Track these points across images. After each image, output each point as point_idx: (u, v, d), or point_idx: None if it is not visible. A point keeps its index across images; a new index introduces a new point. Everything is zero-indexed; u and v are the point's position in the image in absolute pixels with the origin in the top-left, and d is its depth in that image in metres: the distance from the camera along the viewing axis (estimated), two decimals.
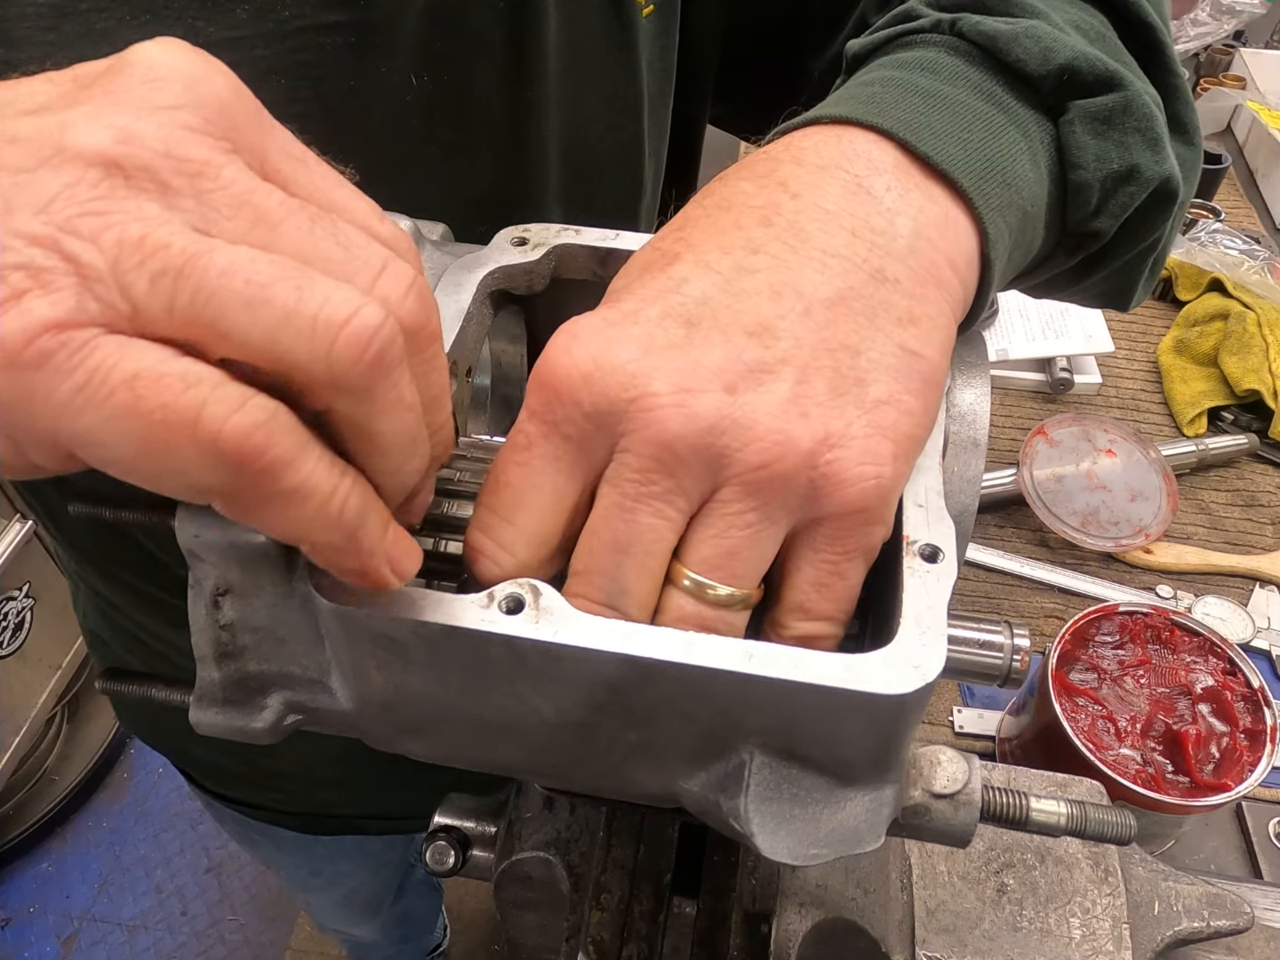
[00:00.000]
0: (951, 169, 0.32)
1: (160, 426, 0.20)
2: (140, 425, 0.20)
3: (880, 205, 0.31)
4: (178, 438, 0.20)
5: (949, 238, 0.32)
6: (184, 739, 0.83)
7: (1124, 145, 0.37)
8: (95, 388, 0.20)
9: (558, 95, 0.51)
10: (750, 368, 0.27)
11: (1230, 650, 0.78)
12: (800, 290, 0.28)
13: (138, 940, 1.85)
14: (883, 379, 0.28)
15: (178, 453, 0.21)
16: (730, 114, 0.68)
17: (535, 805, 0.45)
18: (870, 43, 0.42)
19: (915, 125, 0.33)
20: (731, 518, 0.27)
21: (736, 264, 0.29)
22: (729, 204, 0.31)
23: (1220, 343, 1.16)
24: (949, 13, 0.39)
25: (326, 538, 0.24)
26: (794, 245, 0.29)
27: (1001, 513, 1.05)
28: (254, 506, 0.22)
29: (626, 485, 0.27)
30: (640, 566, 0.28)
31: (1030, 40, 0.37)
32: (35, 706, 1.82)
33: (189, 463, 0.21)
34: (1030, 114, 0.37)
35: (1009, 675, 0.30)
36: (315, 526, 0.23)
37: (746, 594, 0.28)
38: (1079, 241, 0.40)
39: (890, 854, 0.44)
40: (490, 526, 0.29)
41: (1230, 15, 1.78)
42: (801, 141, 0.33)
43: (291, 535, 0.24)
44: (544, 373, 0.28)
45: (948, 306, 0.31)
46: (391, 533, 0.26)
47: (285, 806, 0.90)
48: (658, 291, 0.29)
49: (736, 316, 0.28)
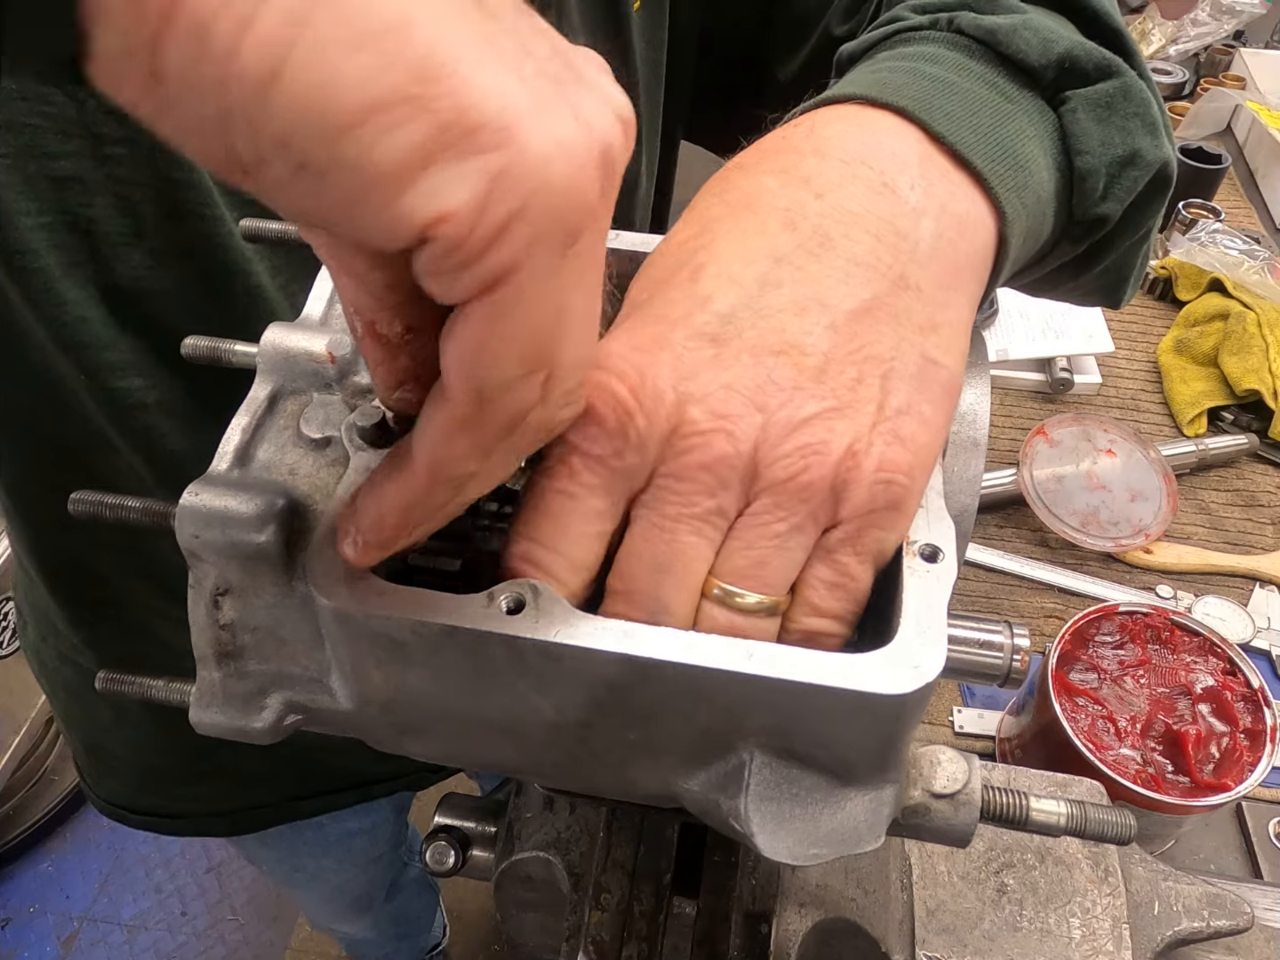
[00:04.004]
0: (969, 153, 0.32)
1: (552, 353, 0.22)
2: (544, 339, 0.22)
3: (905, 206, 0.31)
4: (538, 368, 0.22)
5: (968, 236, 0.32)
6: (104, 733, 0.80)
7: (1126, 130, 0.38)
8: (564, 286, 0.21)
9: None
10: (780, 386, 0.28)
11: (1230, 650, 0.78)
12: (825, 303, 0.29)
13: (138, 940, 1.85)
14: (904, 389, 0.29)
15: (524, 370, 0.22)
16: (700, 124, 0.69)
17: (535, 805, 0.45)
18: (864, 43, 0.42)
19: (931, 108, 0.33)
20: (761, 529, 0.28)
21: (761, 276, 0.29)
22: (752, 203, 0.31)
23: (1220, 343, 1.16)
24: (940, 14, 0.40)
25: (436, 492, 0.24)
26: (818, 254, 0.29)
27: (1001, 513, 1.05)
28: (465, 433, 0.23)
29: (668, 508, 0.28)
30: (681, 584, 0.28)
31: (1029, 32, 0.37)
32: (35, 706, 1.82)
33: (514, 381, 0.22)
34: (1033, 103, 0.37)
35: (1009, 675, 0.30)
36: (449, 481, 0.24)
37: (775, 601, 0.28)
38: (1085, 229, 0.40)
39: (890, 854, 0.44)
40: (537, 559, 0.28)
41: (1230, 15, 1.78)
42: (825, 129, 0.33)
43: (436, 463, 0.24)
44: (586, 411, 0.28)
45: (966, 310, 0.31)
46: None
47: (210, 807, 0.88)
48: (683, 311, 0.29)
49: (763, 336, 0.28)
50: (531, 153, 0.19)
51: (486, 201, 0.19)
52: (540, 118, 0.19)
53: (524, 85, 0.19)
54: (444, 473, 0.24)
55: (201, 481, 0.29)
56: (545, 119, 0.19)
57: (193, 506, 0.29)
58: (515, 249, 0.20)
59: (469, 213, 0.19)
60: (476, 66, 0.19)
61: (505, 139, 0.19)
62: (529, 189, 0.19)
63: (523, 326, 0.21)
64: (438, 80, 0.18)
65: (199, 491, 0.29)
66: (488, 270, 0.20)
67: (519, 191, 0.19)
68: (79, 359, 0.50)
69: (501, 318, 0.21)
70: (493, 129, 0.19)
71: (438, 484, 0.24)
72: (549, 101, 0.20)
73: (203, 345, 0.35)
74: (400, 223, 0.19)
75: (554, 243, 0.20)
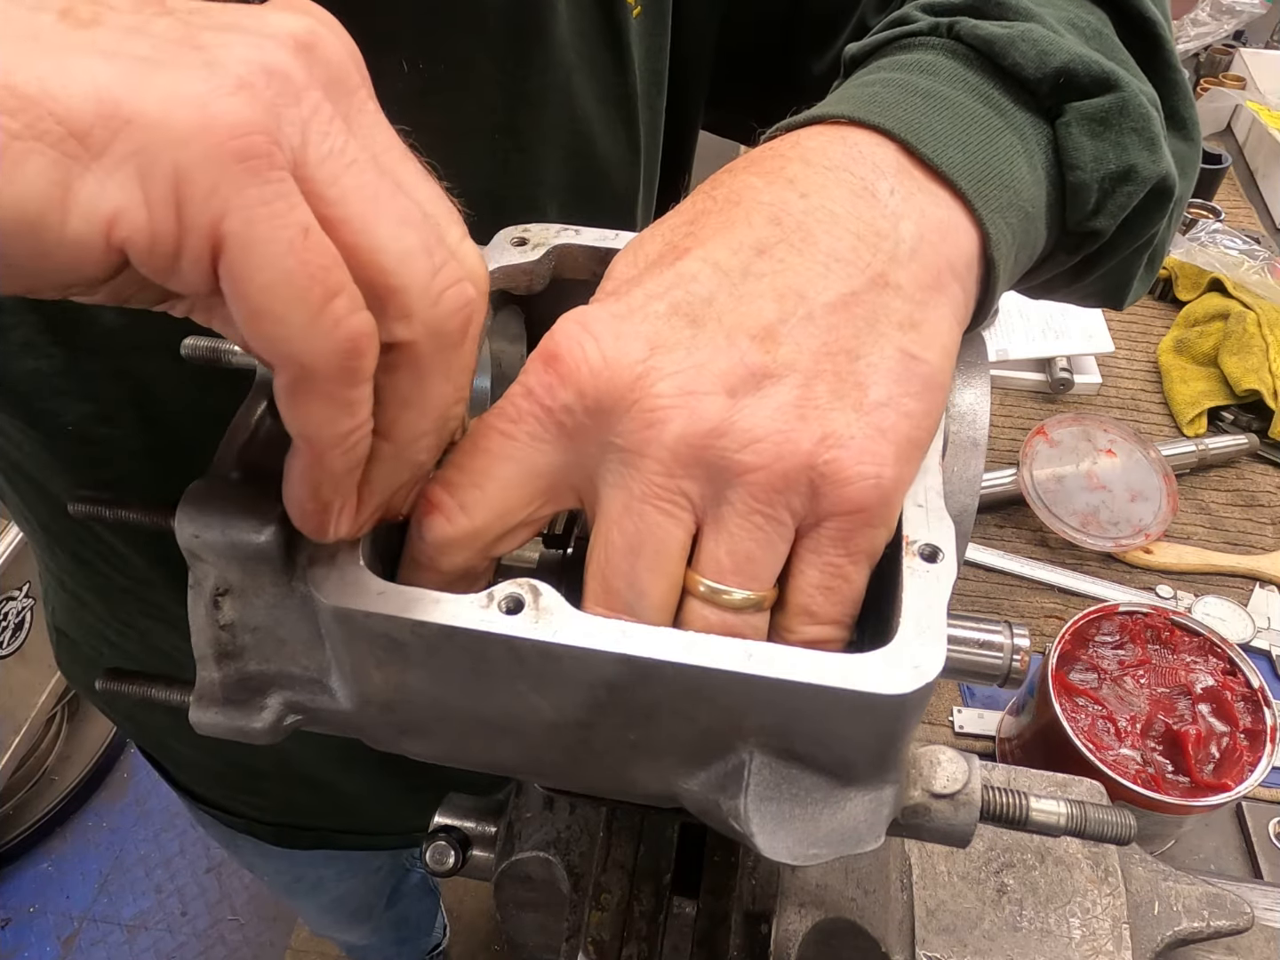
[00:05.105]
0: (951, 172, 0.32)
1: (307, 279, 0.21)
2: (292, 265, 0.21)
3: (885, 209, 0.31)
4: (314, 297, 0.21)
5: (950, 241, 0.32)
6: (166, 734, 0.83)
7: (1121, 145, 0.38)
8: (279, 210, 0.20)
9: (556, 90, 0.52)
10: (753, 371, 0.28)
11: (1230, 650, 0.78)
12: (804, 294, 0.29)
13: (138, 940, 1.85)
14: (883, 382, 0.28)
15: (302, 309, 0.21)
16: (729, 119, 0.68)
17: (535, 805, 0.45)
18: (867, 45, 0.42)
19: (916, 127, 0.33)
20: (739, 520, 0.27)
21: (744, 265, 0.29)
22: (738, 199, 0.31)
23: (1220, 343, 1.16)
24: (945, 17, 0.40)
25: (336, 461, 0.24)
26: (800, 248, 0.30)
27: (1001, 513, 1.05)
28: (315, 398, 0.23)
29: (633, 485, 0.27)
30: (653, 566, 0.28)
31: (1026, 44, 0.37)
32: (35, 706, 1.82)
33: (303, 325, 0.21)
34: (1026, 117, 0.37)
35: (1009, 675, 0.30)
36: (337, 442, 0.24)
37: (761, 596, 0.28)
38: (1079, 241, 0.40)
39: (890, 854, 0.44)
40: (456, 486, 0.28)
41: (1230, 15, 1.78)
42: (808, 141, 0.33)
43: (317, 436, 0.24)
44: (549, 356, 0.28)
45: (949, 310, 0.31)
46: (365, 494, 0.26)
47: (262, 814, 0.90)
48: (665, 286, 0.29)
49: (741, 320, 0.28)
50: (149, 119, 0.19)
51: (144, 184, 0.19)
52: (148, 84, 0.20)
53: (115, 62, 0.19)
54: (319, 438, 0.24)
55: (202, 481, 0.30)
56: (155, 81, 0.20)
57: (193, 506, 0.29)
58: (206, 207, 0.20)
59: (135, 204, 0.19)
60: (56, 70, 0.19)
61: (120, 122, 0.19)
62: (169, 153, 0.19)
63: (271, 262, 0.21)
64: (25, 104, 0.18)
65: (199, 491, 0.29)
66: (200, 241, 0.20)
67: (164, 160, 0.19)
68: None
69: (254, 270, 0.21)
70: (104, 118, 0.19)
71: (324, 452, 0.24)
72: (160, 65, 0.20)
73: (203, 346, 0.35)
74: (83, 251, 0.19)
75: (239, 181, 0.20)
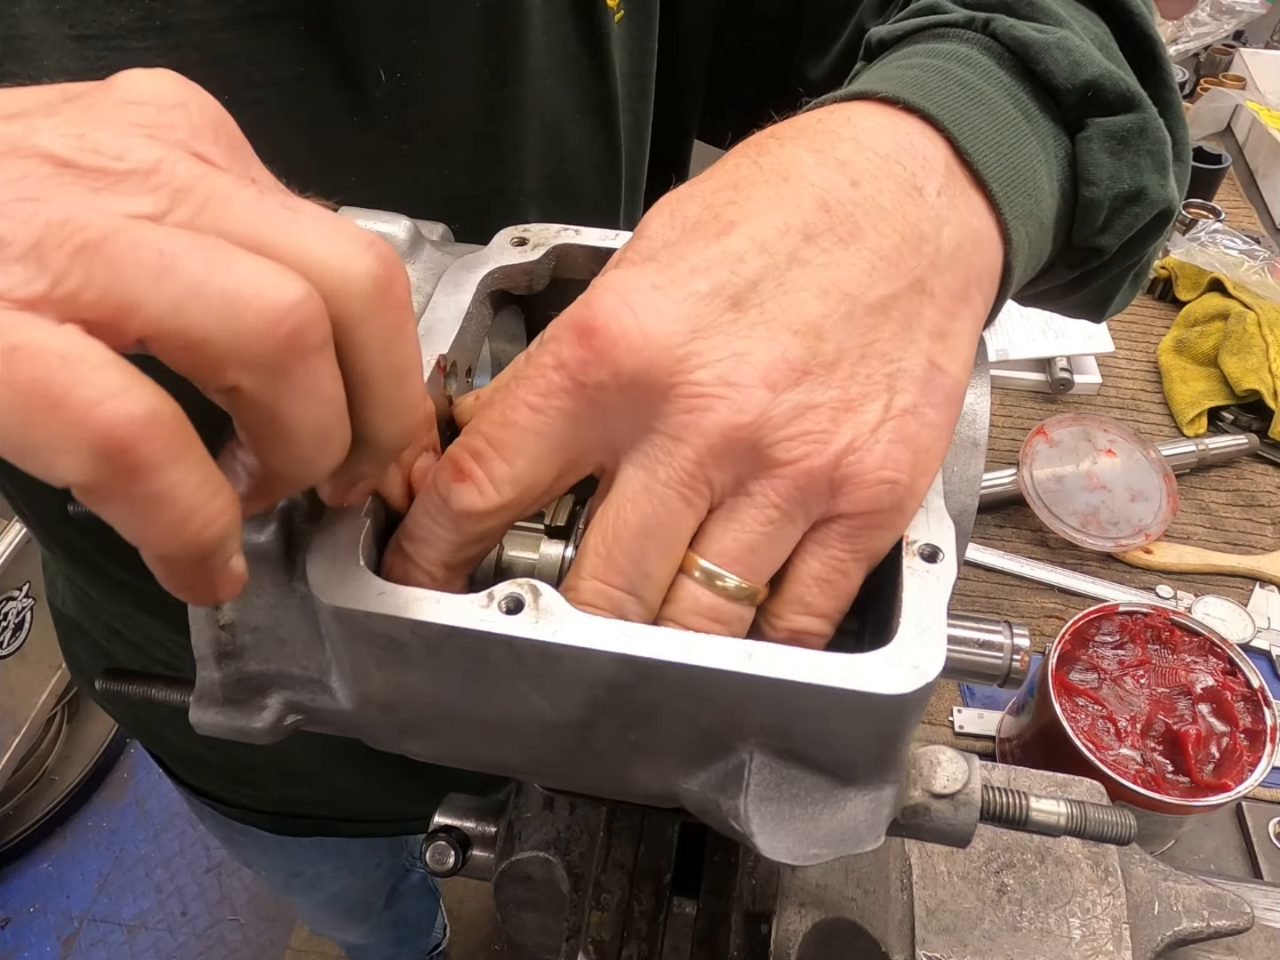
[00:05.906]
0: (988, 176, 0.32)
1: (27, 399, 0.19)
2: (6, 395, 0.19)
3: (930, 211, 0.31)
4: (42, 414, 0.19)
5: (980, 252, 0.32)
6: (163, 726, 0.83)
7: (1136, 167, 0.38)
8: None
9: (533, 96, 0.51)
10: (793, 367, 0.27)
11: (1230, 650, 0.78)
12: (847, 291, 0.28)
13: (138, 940, 1.85)
14: (910, 390, 0.28)
15: (42, 430, 0.20)
16: (721, 126, 0.68)
17: (535, 805, 0.45)
18: (897, 30, 0.42)
19: (959, 120, 0.33)
20: (755, 512, 0.27)
21: (790, 250, 0.29)
22: (787, 174, 0.30)
23: (1220, 343, 1.16)
24: (979, 11, 0.39)
25: (170, 551, 0.22)
26: (847, 240, 0.29)
27: (1001, 513, 1.05)
28: (110, 501, 0.21)
29: (660, 469, 0.27)
30: (664, 552, 0.28)
31: (1060, 52, 0.37)
32: (35, 706, 1.82)
33: (52, 443, 0.20)
34: (1049, 126, 0.37)
35: (1009, 675, 0.30)
36: (164, 539, 0.22)
37: (755, 589, 0.28)
38: (1082, 256, 0.40)
39: (890, 854, 0.44)
40: (486, 458, 0.28)
41: (1230, 15, 1.78)
42: (860, 120, 0.32)
43: (137, 539, 0.22)
44: (585, 328, 0.27)
45: (972, 324, 0.31)
46: (233, 562, 0.24)
47: (259, 805, 0.90)
48: (709, 262, 0.28)
49: (783, 311, 0.28)
50: None
51: None
52: None
53: None
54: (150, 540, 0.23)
55: None
56: None
57: None
58: None
59: None
60: None
61: None
62: None
63: None
64: None
65: None
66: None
67: None
68: None
69: None
70: None
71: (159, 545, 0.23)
72: None
73: None
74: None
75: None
